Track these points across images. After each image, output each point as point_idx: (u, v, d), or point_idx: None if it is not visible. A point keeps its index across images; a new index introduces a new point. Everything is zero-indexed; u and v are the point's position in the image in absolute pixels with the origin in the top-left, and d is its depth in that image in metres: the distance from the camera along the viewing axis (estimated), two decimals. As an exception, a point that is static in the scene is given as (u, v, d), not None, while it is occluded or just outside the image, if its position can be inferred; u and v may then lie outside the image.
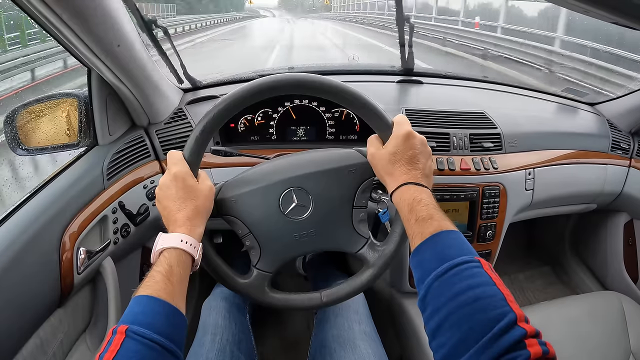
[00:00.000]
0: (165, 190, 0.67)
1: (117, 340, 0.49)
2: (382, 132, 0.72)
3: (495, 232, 1.13)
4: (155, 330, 0.51)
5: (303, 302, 0.79)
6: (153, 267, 0.59)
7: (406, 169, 0.67)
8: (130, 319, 0.52)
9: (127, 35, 0.80)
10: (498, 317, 0.45)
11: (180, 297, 0.58)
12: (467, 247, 0.56)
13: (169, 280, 0.57)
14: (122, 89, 0.90)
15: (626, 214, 1.46)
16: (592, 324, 1.10)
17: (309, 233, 0.76)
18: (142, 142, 1.01)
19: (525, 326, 0.44)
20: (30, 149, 0.88)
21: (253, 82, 0.70)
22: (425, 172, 0.68)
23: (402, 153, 0.68)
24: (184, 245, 0.62)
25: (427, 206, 0.61)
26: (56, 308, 0.79)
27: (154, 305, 0.54)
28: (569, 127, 1.30)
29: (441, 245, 0.56)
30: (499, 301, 0.47)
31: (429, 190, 0.66)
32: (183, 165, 0.68)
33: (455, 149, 1.09)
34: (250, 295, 0.77)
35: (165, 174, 0.69)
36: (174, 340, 0.53)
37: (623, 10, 0.48)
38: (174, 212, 0.66)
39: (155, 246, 0.63)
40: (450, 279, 0.51)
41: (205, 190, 0.69)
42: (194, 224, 0.66)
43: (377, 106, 0.72)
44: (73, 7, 0.66)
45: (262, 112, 1.12)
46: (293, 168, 0.77)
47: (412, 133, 0.69)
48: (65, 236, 0.78)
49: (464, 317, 0.47)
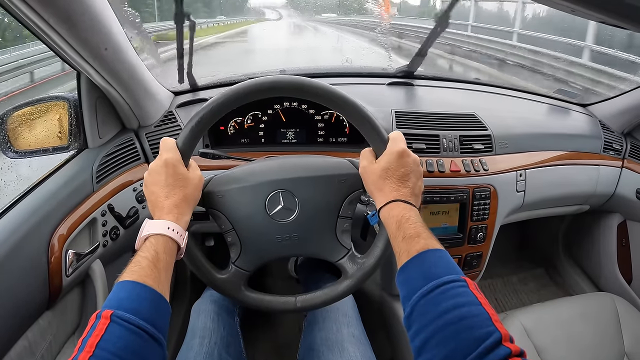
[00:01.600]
0: (154, 175, 0.67)
1: (101, 324, 0.48)
2: (377, 146, 0.73)
3: (486, 234, 1.13)
4: (140, 316, 0.50)
5: (277, 304, 0.79)
6: (138, 252, 0.59)
7: (396, 186, 0.68)
8: (115, 304, 0.51)
9: (115, 39, 0.80)
10: (483, 336, 0.45)
11: (165, 284, 0.58)
12: (453, 267, 0.56)
13: (155, 267, 0.57)
14: (112, 92, 0.90)
15: (619, 215, 1.46)
16: (585, 325, 1.10)
17: (291, 237, 0.76)
18: (132, 145, 1.01)
19: (510, 345, 0.45)
20: (20, 151, 0.88)
21: (254, 80, 0.70)
22: (415, 191, 0.69)
23: (394, 170, 0.68)
24: (170, 232, 0.62)
25: (415, 224, 0.62)
26: (45, 310, 0.79)
27: (140, 290, 0.54)
28: (561, 129, 1.30)
29: (427, 263, 0.57)
30: (484, 320, 0.47)
31: (417, 209, 0.66)
32: (175, 152, 0.69)
33: (445, 150, 1.09)
34: (225, 291, 0.77)
35: (156, 160, 0.69)
36: (159, 327, 0.53)
37: (610, 9, 0.48)
38: (161, 199, 0.66)
39: (140, 232, 0.63)
40: (436, 298, 0.51)
41: (195, 179, 0.70)
42: (181, 211, 0.66)
43: (375, 120, 0.72)
44: (60, 12, 0.66)
45: (251, 114, 1.13)
46: (284, 170, 0.78)
47: (407, 151, 0.70)
48: (53, 238, 0.78)
49: (449, 335, 0.48)
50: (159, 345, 0.52)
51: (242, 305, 0.79)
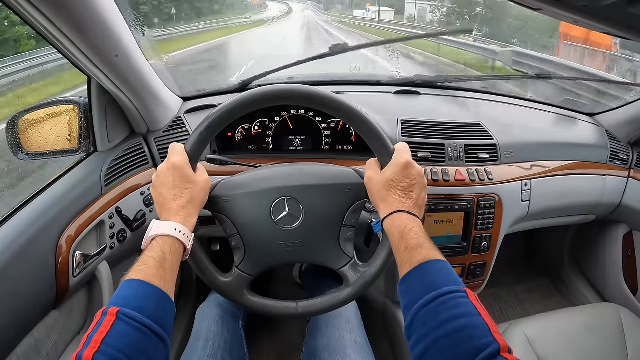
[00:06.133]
0: (162, 177, 0.69)
1: (107, 321, 0.49)
2: (382, 157, 0.73)
3: (490, 243, 1.13)
4: (146, 315, 0.51)
5: (278, 309, 0.79)
6: (145, 252, 0.60)
7: (400, 197, 0.68)
8: (121, 301, 0.52)
9: (125, 46, 0.82)
10: (482, 346, 0.46)
11: (171, 284, 0.59)
12: (454, 278, 0.57)
13: (161, 267, 0.58)
14: (121, 97, 0.92)
15: (625, 226, 1.45)
16: (590, 335, 1.09)
17: (295, 243, 0.77)
18: (141, 150, 1.02)
19: (508, 357, 0.45)
20: (31, 153, 0.90)
21: (262, 88, 0.71)
22: (419, 203, 0.69)
23: (398, 181, 0.69)
24: (177, 234, 0.63)
25: (418, 235, 0.62)
26: (51, 309, 0.81)
27: (146, 289, 0.55)
28: (567, 138, 1.29)
29: (429, 274, 0.57)
30: (483, 331, 0.48)
31: (420, 220, 0.67)
32: (183, 155, 0.70)
33: (450, 159, 1.09)
34: (228, 294, 0.78)
35: (164, 162, 0.70)
36: (164, 326, 0.54)
37: (614, 20, 0.48)
38: (169, 200, 0.67)
39: (148, 232, 0.64)
40: (437, 308, 0.52)
41: (202, 182, 0.71)
42: (188, 213, 0.67)
43: (381, 131, 0.73)
44: (72, 20, 0.68)
45: (259, 121, 1.14)
46: (290, 178, 0.79)
47: (412, 163, 0.71)
48: (61, 239, 0.79)
49: (449, 345, 0.48)
50: (164, 343, 0.53)
51: (244, 309, 0.80)
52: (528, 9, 0.53)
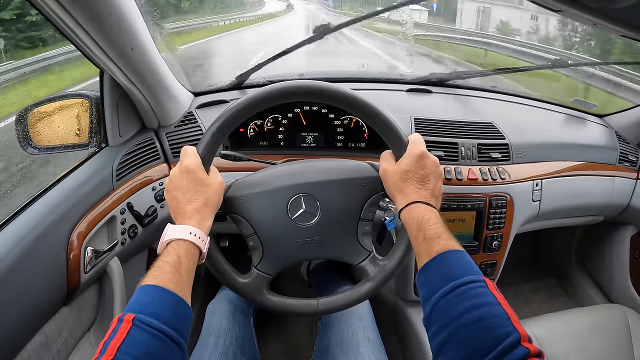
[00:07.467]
0: (175, 181, 0.68)
1: (123, 328, 0.48)
2: (397, 149, 0.73)
3: (501, 242, 1.13)
4: (162, 321, 0.51)
5: (299, 307, 0.79)
6: (160, 257, 0.59)
7: (416, 187, 0.68)
8: (137, 308, 0.52)
9: (141, 39, 0.81)
10: (502, 336, 0.46)
11: (187, 289, 0.58)
12: (473, 267, 0.56)
13: (177, 272, 0.57)
14: (134, 91, 0.90)
15: (633, 227, 1.45)
16: (596, 336, 1.09)
17: (313, 240, 0.77)
18: (152, 144, 1.01)
19: (528, 346, 0.45)
20: (40, 147, 0.88)
21: (275, 85, 0.71)
22: (435, 193, 0.69)
23: (414, 172, 0.69)
24: (192, 237, 0.63)
25: (435, 225, 0.62)
26: (62, 306, 0.80)
27: (162, 295, 0.54)
28: (577, 139, 1.29)
29: (447, 264, 0.57)
30: (503, 321, 0.48)
31: (437, 210, 0.66)
32: (196, 158, 0.69)
33: (463, 158, 1.09)
34: (248, 295, 0.77)
35: (176, 166, 0.69)
36: (180, 331, 0.53)
37: (633, 23, 0.47)
38: (183, 204, 0.66)
39: (163, 237, 0.63)
40: (456, 298, 0.52)
41: (215, 184, 0.70)
42: (203, 216, 0.66)
43: (395, 124, 0.73)
44: (89, 10, 0.67)
45: (271, 117, 1.13)
46: (305, 174, 0.78)
47: (426, 153, 0.70)
48: (73, 235, 0.78)
49: (469, 335, 0.48)
50: (180, 349, 0.52)
51: (264, 309, 0.79)
52: (550, 10, 0.53)
